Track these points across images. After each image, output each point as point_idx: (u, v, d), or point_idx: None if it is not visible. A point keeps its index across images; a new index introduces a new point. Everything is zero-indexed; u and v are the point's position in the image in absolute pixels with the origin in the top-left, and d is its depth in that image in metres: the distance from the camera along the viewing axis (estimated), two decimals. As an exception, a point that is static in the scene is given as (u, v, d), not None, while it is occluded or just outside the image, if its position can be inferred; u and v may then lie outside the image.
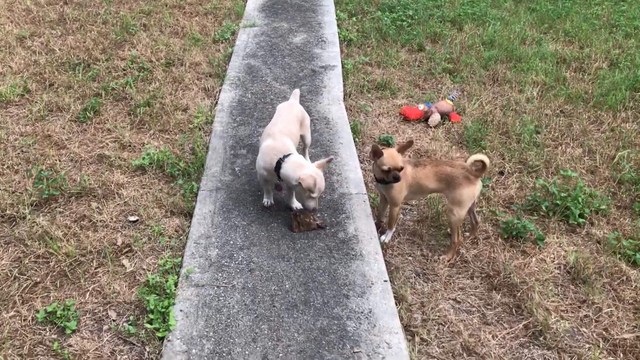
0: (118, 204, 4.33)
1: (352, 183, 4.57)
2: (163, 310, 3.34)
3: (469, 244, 4.14)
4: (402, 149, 3.83)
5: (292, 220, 4.01)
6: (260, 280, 3.59)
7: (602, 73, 6.83)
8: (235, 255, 3.79)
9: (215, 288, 3.52)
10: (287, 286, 3.55)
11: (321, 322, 3.32)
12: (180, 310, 3.35)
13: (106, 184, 4.55)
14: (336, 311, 3.39)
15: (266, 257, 3.79)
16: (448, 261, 3.96)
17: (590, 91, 6.40)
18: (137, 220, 4.20)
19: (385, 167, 3.74)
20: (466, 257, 4.02)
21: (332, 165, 4.79)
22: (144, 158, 4.80)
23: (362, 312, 3.39)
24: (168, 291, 3.46)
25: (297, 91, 4.62)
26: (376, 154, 3.80)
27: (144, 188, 4.54)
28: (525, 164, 5.11)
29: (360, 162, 4.97)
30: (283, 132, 4.02)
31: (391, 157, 3.76)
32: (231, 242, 3.90)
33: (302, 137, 4.48)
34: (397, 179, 3.77)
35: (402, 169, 3.76)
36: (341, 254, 3.84)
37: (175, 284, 3.55)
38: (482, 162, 3.74)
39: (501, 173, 4.99)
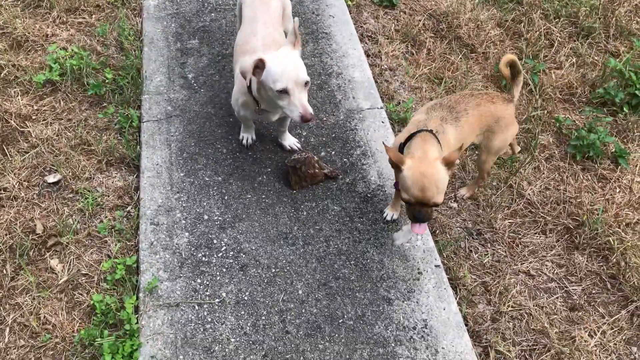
0: (27, 153, 2.95)
1: (360, 89, 3.23)
2: (125, 361, 2.25)
3: (529, 172, 3.03)
4: (448, 162, 2.11)
5: (290, 174, 2.76)
6: (260, 285, 2.47)
7: None
8: (215, 240, 2.60)
9: (196, 307, 2.40)
10: (300, 292, 2.45)
11: (360, 353, 2.30)
12: (152, 358, 2.26)
13: (3, 117, 3.09)
14: (378, 330, 2.36)
15: (261, 239, 2.61)
16: (468, 198, 2.89)
17: None
18: (58, 181, 2.88)
19: (405, 196, 2.14)
20: (529, 196, 2.94)
21: (327, 58, 3.38)
22: (51, 68, 3.26)
23: (414, 328, 2.37)
24: (127, 326, 2.32)
25: None
26: (393, 164, 2.19)
27: (59, 120, 3.11)
28: (577, 26, 3.80)
29: (361, 41, 3.57)
30: (267, 44, 2.53)
31: (420, 177, 2.06)
32: (205, 217, 2.67)
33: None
34: (423, 219, 2.16)
35: (434, 205, 2.13)
36: (367, 221, 2.70)
37: (136, 308, 2.40)
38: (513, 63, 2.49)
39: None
